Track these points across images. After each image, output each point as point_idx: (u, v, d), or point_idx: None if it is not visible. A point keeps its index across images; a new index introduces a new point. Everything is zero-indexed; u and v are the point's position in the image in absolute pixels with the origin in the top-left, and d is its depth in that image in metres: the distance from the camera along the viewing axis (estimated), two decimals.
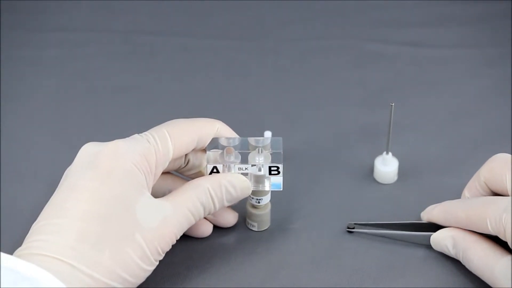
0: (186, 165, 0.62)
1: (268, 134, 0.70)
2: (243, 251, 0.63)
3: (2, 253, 0.50)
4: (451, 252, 0.60)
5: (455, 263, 0.61)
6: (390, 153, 0.69)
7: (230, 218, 0.64)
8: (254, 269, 0.61)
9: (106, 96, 0.80)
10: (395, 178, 0.70)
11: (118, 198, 0.55)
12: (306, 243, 0.64)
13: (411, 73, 0.84)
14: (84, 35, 0.89)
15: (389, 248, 0.63)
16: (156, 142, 0.58)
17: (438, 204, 0.63)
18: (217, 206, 0.59)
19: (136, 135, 0.59)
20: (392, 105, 0.65)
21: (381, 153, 0.70)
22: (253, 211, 0.64)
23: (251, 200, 0.63)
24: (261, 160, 0.61)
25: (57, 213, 0.54)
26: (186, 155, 0.62)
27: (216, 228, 0.64)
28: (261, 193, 0.62)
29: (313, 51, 0.87)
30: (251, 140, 0.62)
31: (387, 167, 0.69)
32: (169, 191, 0.61)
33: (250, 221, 0.64)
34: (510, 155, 0.60)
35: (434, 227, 0.62)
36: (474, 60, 0.85)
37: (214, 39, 0.89)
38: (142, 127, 0.76)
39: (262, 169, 0.61)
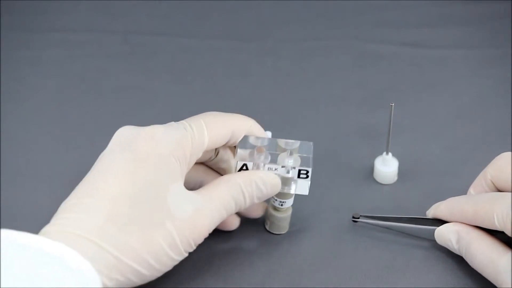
0: (215, 157, 0.62)
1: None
2: (243, 251, 0.63)
3: (30, 234, 0.50)
4: (455, 247, 0.60)
5: (456, 264, 0.61)
6: (390, 154, 0.69)
7: (233, 221, 0.64)
8: (254, 269, 0.61)
9: (106, 96, 0.80)
10: (395, 178, 0.70)
11: (151, 184, 0.54)
12: (306, 243, 0.64)
13: (411, 73, 0.84)
14: (84, 35, 0.89)
15: (389, 249, 0.63)
16: (192, 130, 0.58)
17: (444, 200, 0.62)
18: (248, 202, 0.59)
19: (172, 122, 0.59)
20: (392, 105, 0.65)
21: (381, 154, 0.70)
22: (274, 212, 0.63)
23: (274, 202, 0.63)
24: (290, 163, 0.61)
25: (88, 193, 0.54)
26: (216, 148, 0.62)
27: (216, 228, 0.64)
28: (286, 195, 0.62)
29: (313, 51, 0.87)
30: (281, 142, 0.62)
31: (387, 167, 0.69)
32: (201, 182, 0.61)
33: (266, 220, 0.64)
34: None
35: (439, 223, 0.62)
36: (474, 60, 0.85)
37: (214, 39, 0.89)
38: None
39: (291, 171, 0.61)
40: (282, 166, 0.60)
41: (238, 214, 0.63)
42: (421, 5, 0.93)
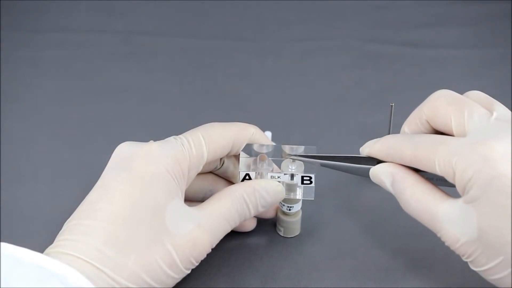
0: (221, 166, 0.62)
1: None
2: (243, 251, 0.63)
3: (30, 250, 0.50)
4: (389, 189, 0.58)
5: (457, 264, 0.61)
6: None
7: (249, 224, 0.64)
8: (254, 269, 0.61)
9: (106, 96, 0.80)
10: None
11: (147, 203, 0.54)
12: (306, 243, 0.64)
13: (411, 74, 0.84)
14: (84, 35, 0.89)
15: (389, 249, 0.63)
16: (190, 146, 0.58)
17: (380, 138, 0.60)
18: (252, 212, 0.59)
19: (171, 138, 0.58)
20: (392, 105, 0.65)
21: None
22: (283, 217, 0.63)
23: (282, 207, 0.63)
24: (293, 169, 0.61)
25: (88, 214, 0.54)
26: (220, 158, 0.62)
27: None
28: (292, 201, 0.62)
29: (313, 51, 0.87)
30: (285, 147, 0.61)
31: None
32: (210, 191, 0.61)
33: (279, 227, 0.64)
34: (453, 92, 0.58)
35: (374, 161, 0.59)
36: (474, 60, 0.85)
37: (214, 39, 0.89)
38: (142, 127, 0.76)
39: (294, 177, 0.61)
40: (285, 173, 0.60)
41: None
42: (421, 5, 0.93)
